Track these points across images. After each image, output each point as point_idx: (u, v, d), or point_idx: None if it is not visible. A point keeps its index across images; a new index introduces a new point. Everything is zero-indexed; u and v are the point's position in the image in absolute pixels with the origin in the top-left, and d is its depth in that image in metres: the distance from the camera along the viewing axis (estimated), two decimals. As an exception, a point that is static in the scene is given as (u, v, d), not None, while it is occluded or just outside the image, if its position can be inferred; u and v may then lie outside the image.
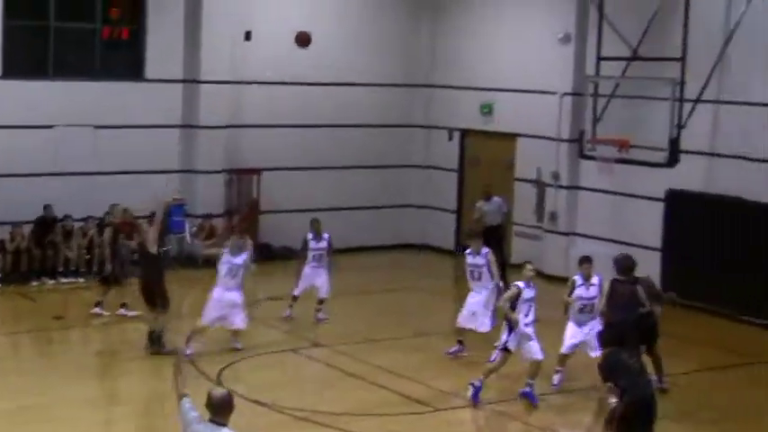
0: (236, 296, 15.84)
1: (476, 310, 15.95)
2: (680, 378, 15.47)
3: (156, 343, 15.72)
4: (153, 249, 16.06)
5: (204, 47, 22.36)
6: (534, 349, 13.92)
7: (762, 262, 18.63)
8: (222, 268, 15.81)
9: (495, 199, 21.54)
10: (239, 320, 15.91)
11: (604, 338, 14.22)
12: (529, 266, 14.18)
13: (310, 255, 18.08)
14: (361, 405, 13.90)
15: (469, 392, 13.89)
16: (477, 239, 16.60)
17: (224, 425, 7.74)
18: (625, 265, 14.57)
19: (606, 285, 14.64)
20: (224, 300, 15.74)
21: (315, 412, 13.30)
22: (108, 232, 18.72)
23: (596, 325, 14.56)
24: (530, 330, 13.92)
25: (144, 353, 15.79)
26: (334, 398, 14.23)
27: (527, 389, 14.04)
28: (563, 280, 20.56)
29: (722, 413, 14.10)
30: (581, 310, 14.71)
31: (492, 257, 16.17)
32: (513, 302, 13.81)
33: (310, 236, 18.15)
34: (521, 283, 13.97)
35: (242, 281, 15.97)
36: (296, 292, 18.12)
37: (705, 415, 13.86)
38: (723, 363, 16.22)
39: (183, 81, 22.52)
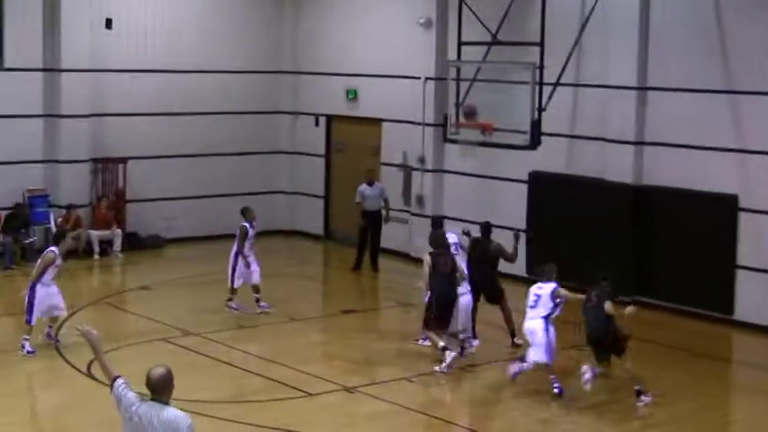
0: (55, 288, 15.63)
1: None
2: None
3: None
4: None
5: (64, 35, 21.96)
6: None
7: (622, 241, 19.22)
8: (54, 271, 15.52)
9: (377, 184, 21.86)
10: (62, 309, 15.75)
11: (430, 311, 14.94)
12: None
13: (248, 243, 17.75)
14: (235, 392, 13.96)
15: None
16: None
17: (167, 404, 7.56)
18: (434, 239, 15.64)
19: (427, 258, 15.30)
20: (50, 293, 15.49)
21: (187, 401, 13.25)
22: None
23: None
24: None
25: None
26: (207, 386, 14.23)
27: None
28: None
29: (582, 390, 14.48)
30: None
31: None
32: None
33: (247, 224, 17.80)
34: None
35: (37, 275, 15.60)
36: (255, 280, 17.81)
37: (567, 393, 14.27)
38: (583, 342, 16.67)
39: (44, 70, 22.11)
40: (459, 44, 19.46)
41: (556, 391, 13.98)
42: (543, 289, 14.32)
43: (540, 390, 14.43)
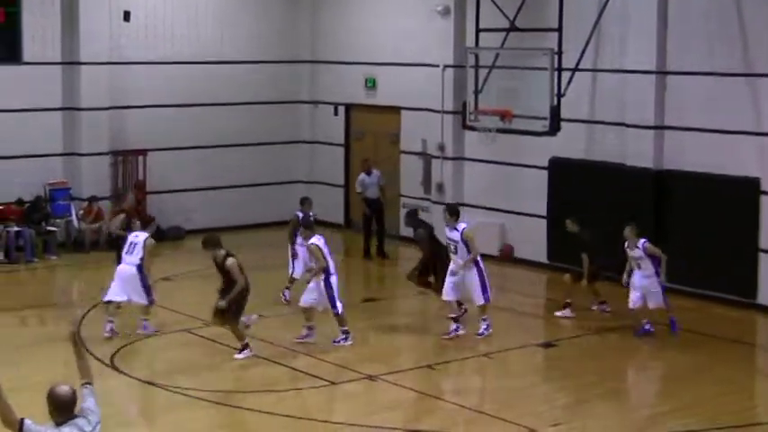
0: (132, 270, 15.77)
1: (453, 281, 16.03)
2: (565, 342, 15.95)
3: None
4: None
5: (82, 28, 22.03)
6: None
7: (643, 226, 19.11)
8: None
9: (375, 172, 21.91)
10: (137, 296, 15.85)
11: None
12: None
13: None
14: (256, 382, 13.99)
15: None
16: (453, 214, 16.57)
17: (76, 416, 7.33)
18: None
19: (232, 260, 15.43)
20: (122, 274, 15.80)
21: (211, 391, 13.35)
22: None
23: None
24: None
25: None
26: (229, 376, 14.30)
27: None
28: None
29: (603, 375, 14.54)
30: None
31: (467, 231, 16.04)
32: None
33: (302, 215, 17.76)
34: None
35: (139, 259, 15.86)
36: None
37: (588, 378, 14.27)
38: (603, 326, 16.66)
39: (62, 63, 22.20)
40: (478, 31, 19.46)
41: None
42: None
43: (560, 376, 14.44)
